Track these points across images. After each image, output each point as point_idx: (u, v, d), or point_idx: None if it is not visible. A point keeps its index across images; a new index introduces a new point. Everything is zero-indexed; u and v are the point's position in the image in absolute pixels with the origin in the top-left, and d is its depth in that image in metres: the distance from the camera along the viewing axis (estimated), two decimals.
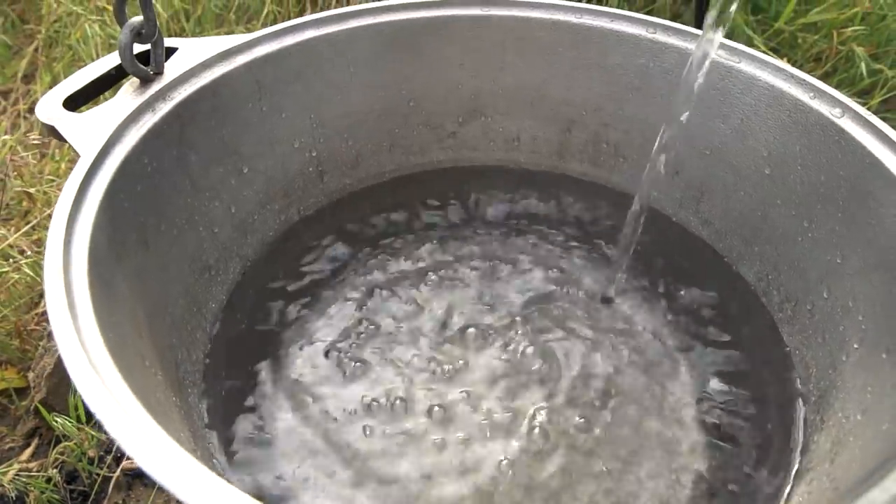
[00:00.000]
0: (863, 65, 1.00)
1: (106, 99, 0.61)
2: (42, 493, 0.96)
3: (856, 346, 0.57)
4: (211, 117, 0.64)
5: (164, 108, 0.59)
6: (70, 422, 0.99)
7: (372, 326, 0.69)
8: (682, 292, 0.74)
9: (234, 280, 0.69)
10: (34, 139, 1.30)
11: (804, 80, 0.64)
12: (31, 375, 1.09)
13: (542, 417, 0.62)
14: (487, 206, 0.84)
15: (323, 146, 0.77)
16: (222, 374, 0.62)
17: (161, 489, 1.05)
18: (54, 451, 1.02)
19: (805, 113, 0.64)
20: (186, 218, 0.62)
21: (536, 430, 0.61)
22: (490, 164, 0.86)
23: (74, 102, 0.60)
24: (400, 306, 0.72)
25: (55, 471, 0.99)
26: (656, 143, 0.66)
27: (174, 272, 0.60)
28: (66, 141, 0.56)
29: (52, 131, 0.56)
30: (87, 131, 0.55)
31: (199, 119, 0.63)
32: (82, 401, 0.98)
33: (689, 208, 0.78)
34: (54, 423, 0.99)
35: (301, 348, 0.67)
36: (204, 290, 0.64)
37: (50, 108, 0.58)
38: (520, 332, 0.70)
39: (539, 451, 0.59)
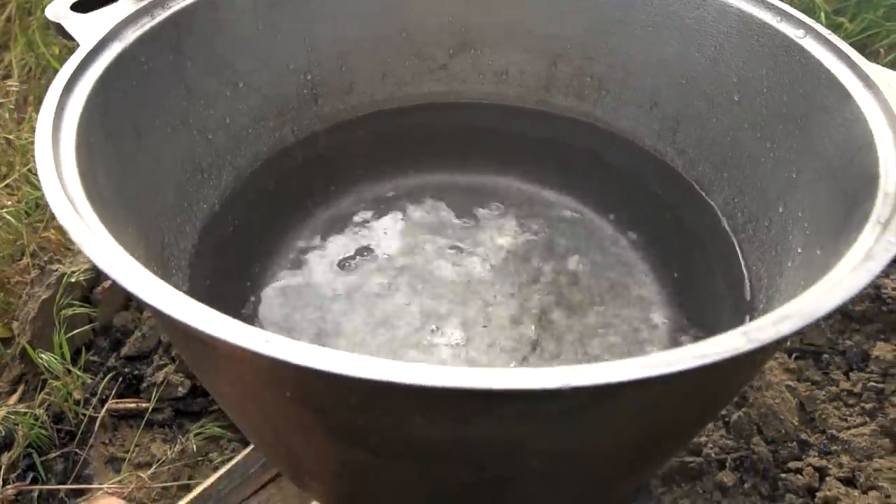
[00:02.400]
0: (822, 15, 1.02)
1: None
2: (31, 429, 1.03)
3: (799, 250, 0.60)
4: (207, 29, 0.69)
5: (162, 14, 0.64)
6: (55, 359, 1.05)
7: (364, 237, 0.74)
8: (652, 220, 0.77)
9: (226, 187, 0.74)
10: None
11: (772, 5, 0.67)
12: (15, 325, 1.15)
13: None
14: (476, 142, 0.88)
15: (317, 70, 0.81)
16: (208, 265, 0.67)
17: (146, 429, 1.12)
18: (41, 394, 1.08)
19: (771, 36, 0.67)
20: (181, 119, 0.67)
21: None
22: (480, 99, 0.89)
23: (82, 7, 0.65)
24: (387, 222, 0.77)
25: (42, 411, 1.05)
26: None
27: (166, 165, 0.64)
28: (71, 38, 0.61)
29: (58, 29, 0.62)
30: (90, 28, 0.60)
31: (196, 30, 0.67)
32: (67, 340, 1.04)
33: (666, 139, 0.81)
34: (39, 360, 1.05)
35: (291, 253, 0.72)
36: (195, 190, 0.69)
37: (58, 8, 0.63)
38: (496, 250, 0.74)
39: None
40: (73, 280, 1.10)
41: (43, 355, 1.04)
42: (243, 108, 0.75)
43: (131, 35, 0.60)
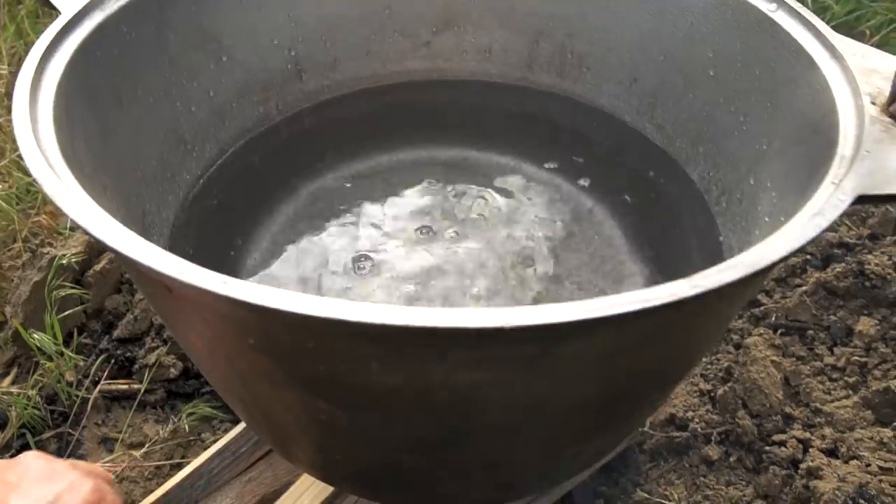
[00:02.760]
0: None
1: None
2: (24, 409, 1.04)
3: (766, 219, 0.60)
4: (191, 3, 0.70)
5: None
6: (47, 339, 1.06)
7: (347, 212, 0.75)
8: (632, 194, 0.78)
9: (210, 160, 0.75)
10: None
11: None
12: (7, 309, 1.16)
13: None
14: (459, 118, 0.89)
15: (301, 46, 0.82)
16: (191, 235, 0.68)
17: (138, 410, 1.13)
18: (34, 376, 1.09)
19: (745, 11, 0.67)
20: (163, 90, 0.68)
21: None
22: (463, 76, 0.90)
23: None
24: (371, 196, 0.78)
25: (35, 392, 1.07)
26: None
27: (148, 135, 0.65)
28: (54, 7, 0.62)
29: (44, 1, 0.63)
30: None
31: (179, 2, 0.68)
32: (59, 322, 1.05)
33: (644, 115, 0.82)
34: (31, 340, 1.07)
35: (274, 226, 0.73)
36: (178, 162, 0.70)
37: None
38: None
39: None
40: (64, 262, 1.12)
41: (35, 335, 1.05)
42: (227, 83, 0.76)
43: (114, 5, 0.61)
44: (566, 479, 0.72)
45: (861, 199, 0.41)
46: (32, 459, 0.52)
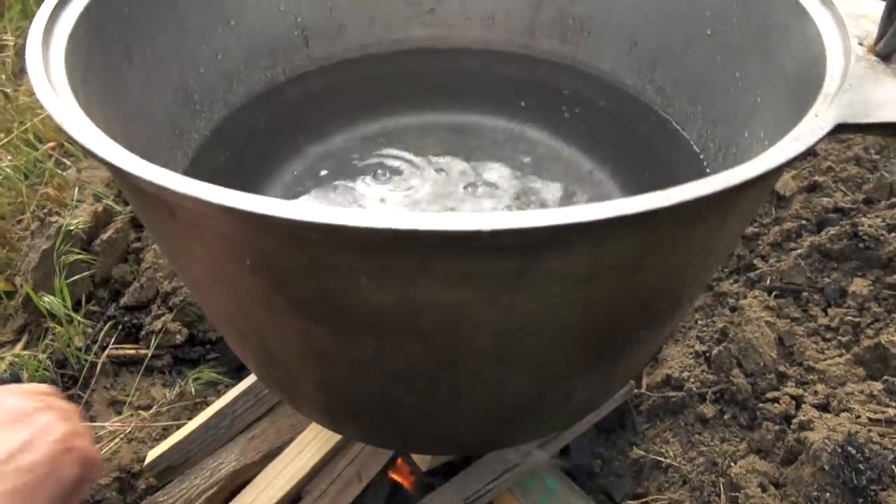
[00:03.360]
0: None
1: None
2: (35, 372, 1.06)
3: None
4: None
5: None
6: (57, 301, 1.08)
7: (353, 171, 0.77)
8: (631, 156, 0.80)
9: (218, 120, 0.77)
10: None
11: None
12: (17, 279, 1.18)
13: None
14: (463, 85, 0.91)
15: (308, 13, 0.83)
16: None
17: (145, 374, 1.16)
18: (44, 341, 1.11)
19: None
20: (172, 51, 0.69)
21: None
22: (467, 44, 0.92)
23: None
24: (377, 156, 0.80)
25: (45, 356, 1.09)
26: None
27: (157, 92, 0.67)
28: None
29: None
30: None
31: None
32: (68, 287, 1.07)
33: (644, 77, 0.83)
34: (41, 303, 1.09)
35: (280, 185, 0.75)
36: (187, 120, 0.72)
37: None
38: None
39: None
40: (72, 229, 1.13)
41: (45, 298, 1.07)
42: (235, 46, 0.78)
43: None
44: (560, 426, 0.73)
45: (840, 128, 0.42)
46: (9, 396, 0.50)
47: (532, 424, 0.62)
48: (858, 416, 0.81)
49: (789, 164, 0.39)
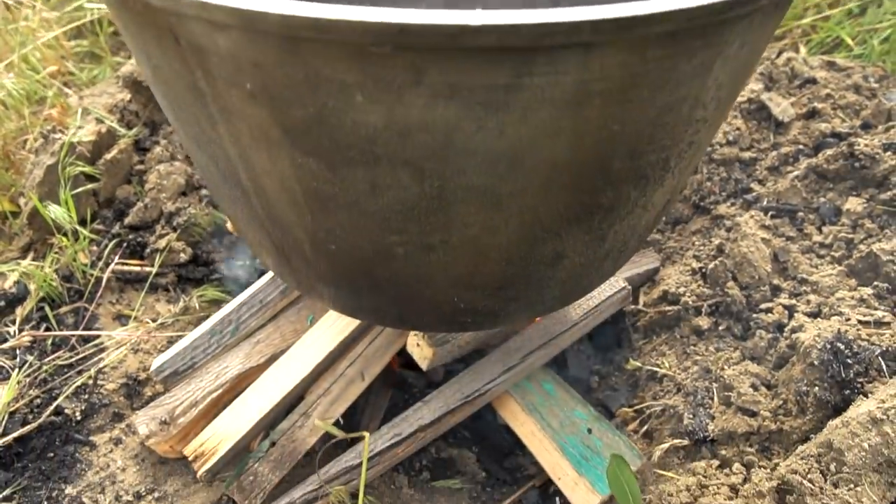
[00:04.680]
0: None
1: None
2: (42, 283, 1.08)
3: None
4: None
5: None
6: (62, 212, 1.09)
7: None
8: None
9: None
10: None
11: None
12: (21, 201, 1.19)
13: None
14: None
15: None
16: None
17: (150, 291, 1.17)
18: (50, 255, 1.13)
19: None
20: None
21: None
22: None
23: None
24: None
25: (51, 270, 1.11)
26: None
27: None
28: None
29: None
30: None
31: None
32: (73, 199, 1.08)
33: None
34: (47, 213, 1.10)
35: None
36: None
37: None
38: None
39: None
40: (75, 142, 1.14)
41: (51, 207, 1.08)
42: None
43: None
44: (551, 302, 0.71)
45: None
46: None
47: (524, 292, 0.62)
48: (848, 319, 0.83)
49: None
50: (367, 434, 0.76)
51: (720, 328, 0.97)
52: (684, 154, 0.54)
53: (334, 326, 0.91)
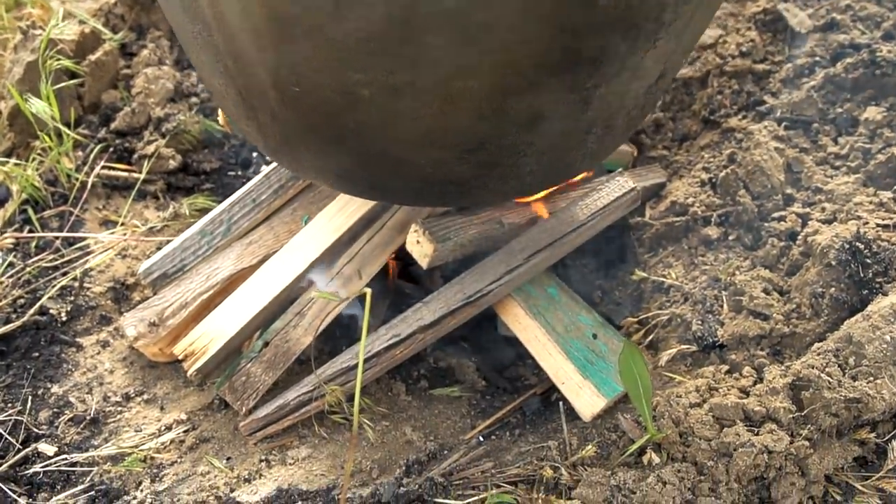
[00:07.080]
0: None
1: None
2: (25, 184, 1.03)
3: None
4: None
5: None
6: (44, 107, 1.04)
7: None
8: None
9: None
10: None
11: None
12: (2, 103, 1.13)
13: None
14: None
15: None
16: None
17: (138, 198, 1.13)
18: (33, 159, 1.07)
19: None
20: None
21: None
22: None
23: None
24: None
25: (34, 171, 1.05)
26: None
27: None
28: None
29: None
30: None
31: None
32: (55, 93, 1.02)
33: None
34: (27, 108, 1.04)
35: None
36: None
37: None
38: None
39: None
40: (55, 38, 1.08)
41: (33, 100, 1.03)
42: None
43: None
44: (534, 179, 0.66)
45: None
46: None
47: (497, 158, 0.58)
48: (867, 223, 0.80)
49: None
50: (368, 290, 0.70)
51: (730, 238, 0.94)
52: (680, 9, 0.49)
53: (331, 223, 0.87)
